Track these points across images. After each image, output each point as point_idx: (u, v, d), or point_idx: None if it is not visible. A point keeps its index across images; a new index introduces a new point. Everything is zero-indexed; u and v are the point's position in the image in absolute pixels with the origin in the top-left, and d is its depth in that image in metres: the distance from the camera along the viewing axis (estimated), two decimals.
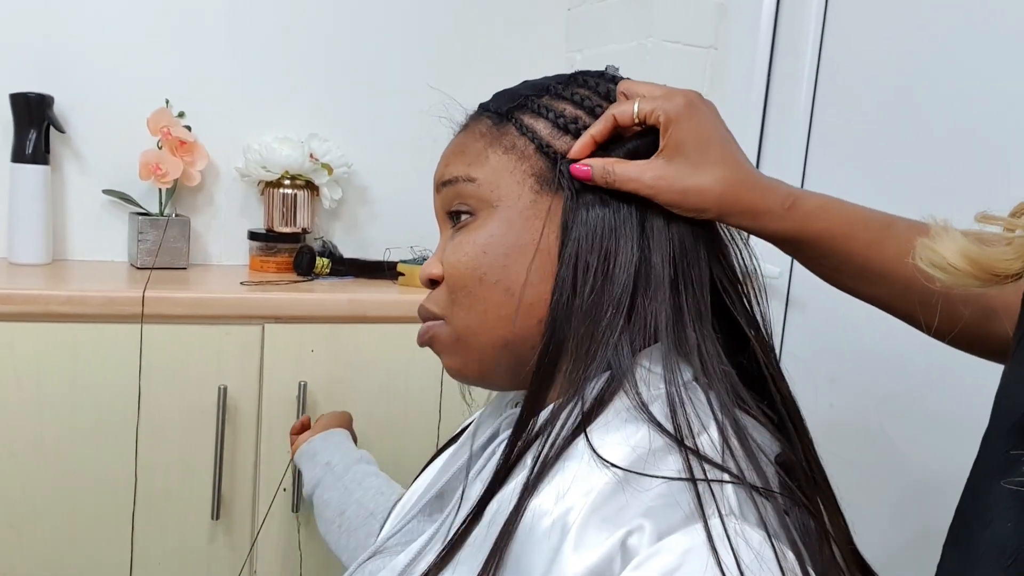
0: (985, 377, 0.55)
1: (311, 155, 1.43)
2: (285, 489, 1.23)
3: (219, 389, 1.19)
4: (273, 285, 1.32)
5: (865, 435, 1.12)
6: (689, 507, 0.45)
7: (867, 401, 1.13)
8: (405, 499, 0.74)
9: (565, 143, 0.58)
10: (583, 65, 1.57)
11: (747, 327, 0.59)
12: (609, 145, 0.58)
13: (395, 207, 1.58)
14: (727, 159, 0.57)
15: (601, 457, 0.49)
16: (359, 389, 1.26)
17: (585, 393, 0.53)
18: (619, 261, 0.55)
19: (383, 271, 1.43)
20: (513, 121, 0.60)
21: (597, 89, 0.61)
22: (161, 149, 1.36)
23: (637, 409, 0.51)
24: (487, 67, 1.60)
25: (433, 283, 0.62)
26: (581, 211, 0.56)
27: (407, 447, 1.27)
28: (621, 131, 0.58)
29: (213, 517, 1.21)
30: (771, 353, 0.59)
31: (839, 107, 1.23)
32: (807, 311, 1.27)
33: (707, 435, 0.50)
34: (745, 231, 0.60)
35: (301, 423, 1.08)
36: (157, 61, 1.43)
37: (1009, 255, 0.44)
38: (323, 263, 1.39)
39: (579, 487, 0.48)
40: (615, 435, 0.50)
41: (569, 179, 0.57)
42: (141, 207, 1.42)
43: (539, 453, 0.52)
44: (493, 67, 1.60)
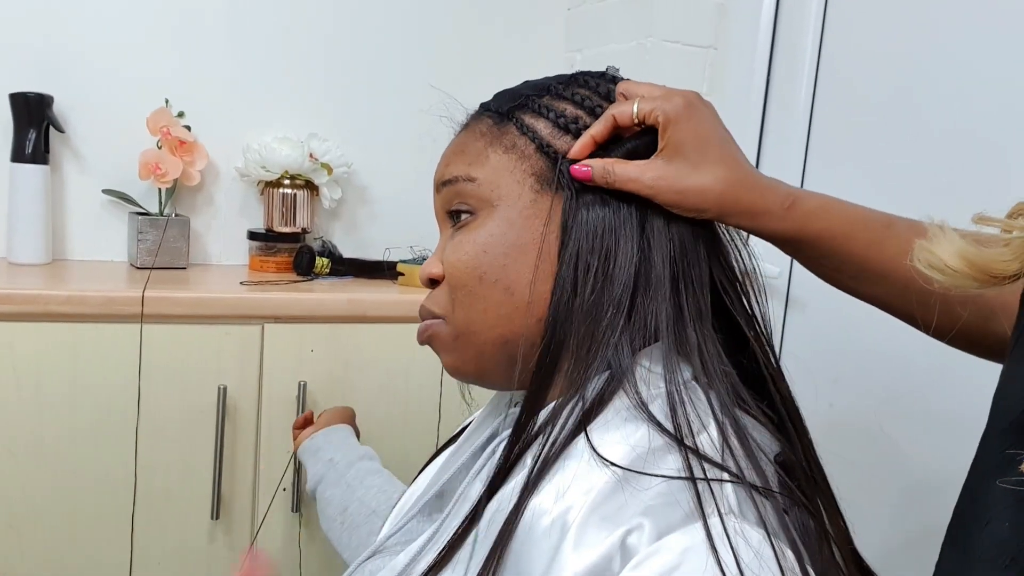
0: (985, 377, 0.55)
1: (311, 155, 1.43)
2: (285, 489, 1.23)
3: (219, 389, 1.19)
4: (273, 285, 1.32)
5: (865, 435, 1.12)
6: (689, 506, 0.45)
7: (868, 401, 1.13)
8: (405, 499, 0.74)
9: (566, 143, 0.58)
10: (583, 65, 1.57)
11: (746, 327, 0.59)
12: (609, 145, 0.58)
13: (395, 207, 1.58)
14: (726, 159, 0.57)
15: (601, 456, 0.49)
16: (359, 389, 1.26)
17: (585, 393, 0.53)
18: (619, 261, 0.55)
19: (383, 271, 1.43)
20: (514, 121, 0.60)
21: (598, 89, 0.61)
22: (161, 149, 1.36)
23: (637, 408, 0.51)
24: (487, 67, 1.60)
25: (433, 282, 0.62)
26: (581, 211, 0.57)
27: (407, 447, 1.27)
28: (621, 131, 0.58)
29: (213, 517, 1.21)
30: (771, 353, 0.60)
31: (839, 107, 1.23)
32: (807, 311, 1.27)
33: (707, 434, 0.50)
34: (745, 231, 0.60)
35: (304, 418, 1.08)
36: (157, 61, 1.43)
37: (1006, 256, 0.44)
38: (323, 263, 1.39)
39: (579, 486, 0.48)
40: (615, 434, 0.50)
41: (569, 179, 0.57)
42: (141, 207, 1.42)
43: (539, 452, 0.52)
44: (493, 67, 1.60)
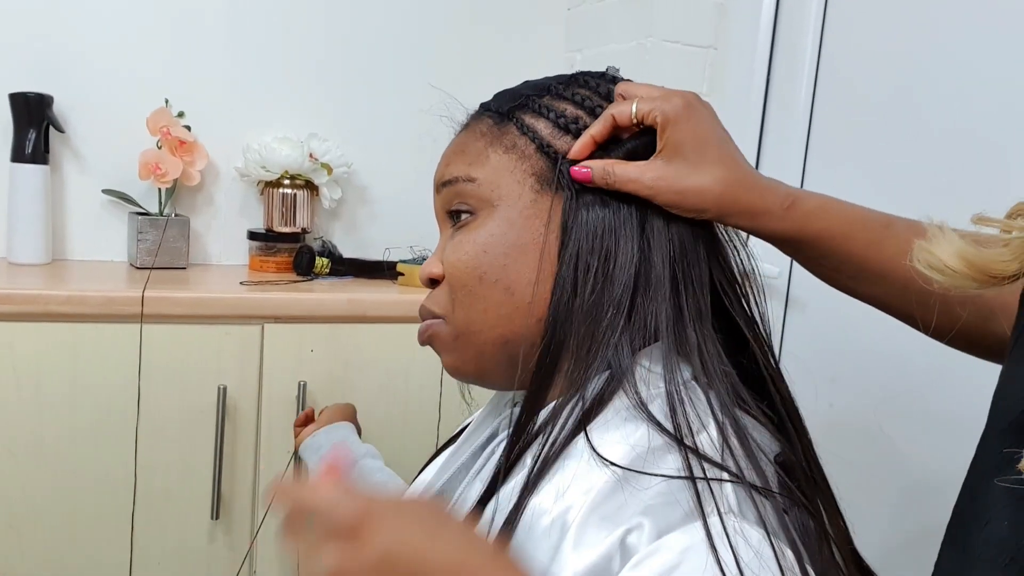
0: (984, 377, 0.55)
1: (311, 155, 1.43)
2: None
3: (219, 389, 1.19)
4: (273, 285, 1.32)
5: (865, 435, 1.12)
6: (688, 505, 0.45)
7: (867, 401, 1.13)
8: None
9: (566, 143, 0.58)
10: (583, 65, 1.57)
11: (746, 328, 0.59)
12: (609, 146, 0.58)
13: (395, 207, 1.58)
14: (725, 159, 0.57)
15: (600, 456, 0.49)
16: (359, 389, 1.26)
17: (585, 392, 0.53)
18: (619, 262, 0.55)
19: (383, 271, 1.43)
20: (514, 121, 0.60)
21: (598, 90, 0.61)
22: (161, 149, 1.36)
23: (636, 408, 0.51)
24: (487, 67, 1.60)
25: (433, 282, 0.63)
26: (581, 211, 0.57)
27: (407, 447, 1.27)
28: (620, 131, 0.58)
29: (213, 517, 1.21)
30: (770, 353, 0.60)
31: (839, 107, 1.23)
32: (807, 311, 1.27)
33: (706, 434, 0.50)
34: (744, 231, 0.60)
35: (305, 415, 1.08)
36: (157, 61, 1.43)
37: (1006, 256, 0.44)
38: (323, 263, 1.39)
39: (579, 486, 0.48)
40: (614, 434, 0.50)
41: (569, 179, 0.57)
42: (141, 207, 1.42)
43: (539, 452, 0.52)
44: (493, 67, 1.60)
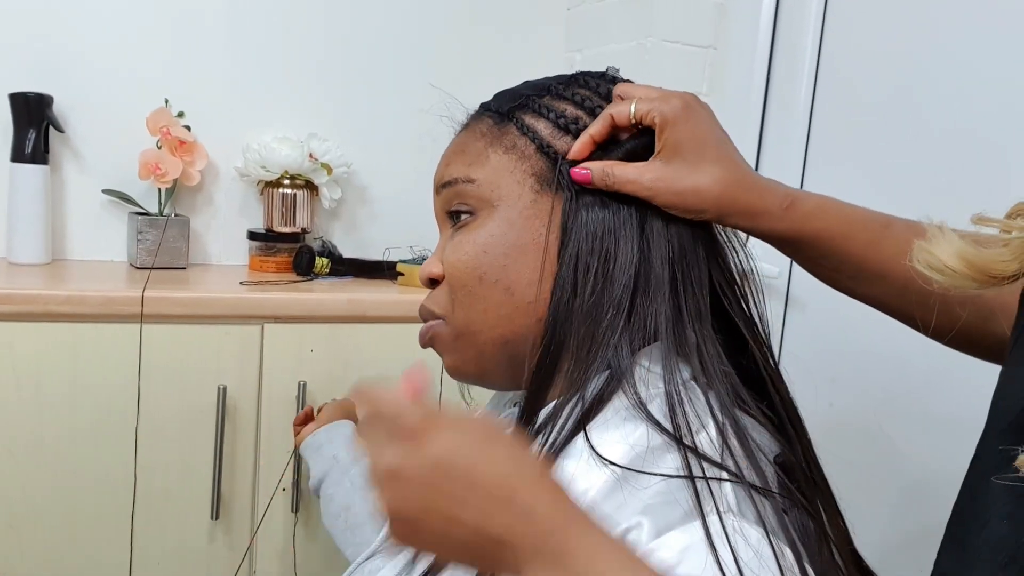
0: (983, 377, 0.55)
1: (310, 155, 1.43)
2: (284, 489, 1.23)
3: (218, 389, 1.19)
4: (272, 285, 1.32)
5: (865, 435, 1.12)
6: (688, 504, 0.45)
7: (867, 401, 1.13)
8: None
9: (566, 143, 0.58)
10: (583, 65, 1.57)
11: (745, 328, 0.59)
12: (608, 146, 0.58)
13: (395, 207, 1.58)
14: (724, 160, 0.57)
15: (600, 455, 0.49)
16: None
17: (585, 392, 0.53)
18: (619, 262, 0.55)
19: (382, 271, 1.43)
20: (514, 121, 0.60)
21: (598, 90, 0.61)
22: (160, 149, 1.36)
23: (636, 408, 0.51)
24: (487, 67, 1.60)
25: (433, 282, 0.63)
26: (581, 212, 0.57)
27: None
28: (619, 131, 0.58)
29: (212, 517, 1.21)
30: (769, 354, 0.60)
31: (839, 107, 1.23)
32: (807, 311, 1.27)
33: (705, 433, 0.50)
34: (743, 231, 0.60)
35: (305, 414, 1.08)
36: (156, 61, 1.43)
37: (1005, 256, 0.44)
38: (322, 263, 1.39)
39: (578, 485, 0.48)
40: (614, 433, 0.51)
41: (569, 180, 0.57)
42: (140, 207, 1.42)
43: (538, 451, 0.52)
44: (493, 67, 1.60)
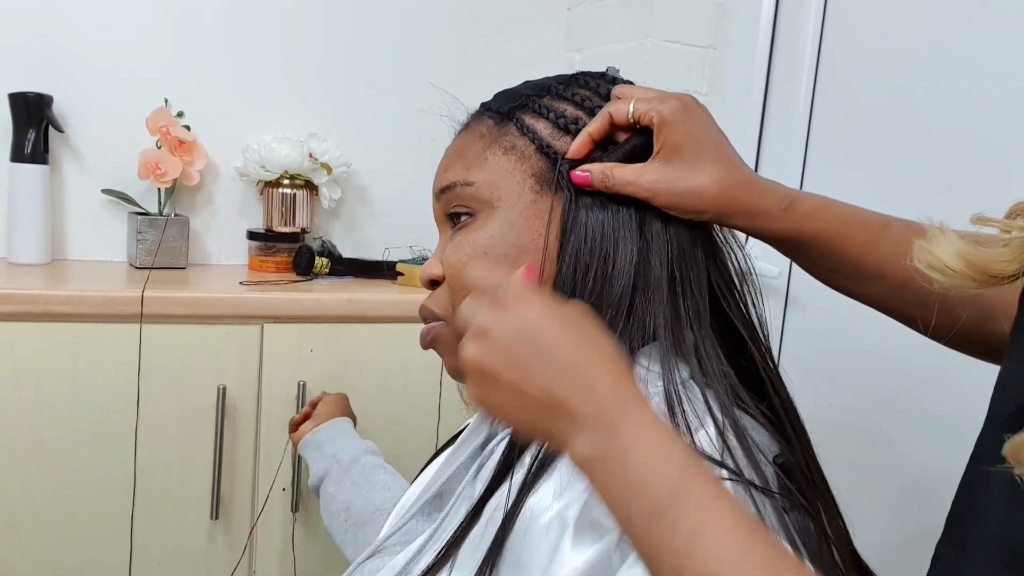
0: (982, 377, 0.55)
1: (310, 155, 1.43)
2: (284, 489, 1.23)
3: (218, 389, 1.19)
4: (272, 285, 1.32)
5: (864, 435, 1.12)
6: None
7: (866, 401, 1.13)
8: (404, 499, 0.74)
9: (565, 144, 0.58)
10: (583, 65, 1.57)
11: (744, 329, 0.59)
12: (608, 147, 0.58)
13: (394, 207, 1.58)
14: (722, 160, 0.57)
15: None
16: (358, 389, 1.26)
17: None
18: (618, 263, 0.55)
19: (382, 271, 1.43)
20: (514, 121, 0.60)
21: (598, 90, 0.61)
22: (160, 149, 1.36)
23: None
24: (487, 67, 1.60)
25: (433, 283, 0.63)
26: (581, 213, 0.57)
27: (406, 447, 1.27)
28: (617, 131, 0.58)
29: (212, 517, 1.21)
30: (768, 355, 0.60)
31: (838, 107, 1.23)
32: (806, 311, 1.27)
33: (704, 432, 0.50)
34: (743, 232, 0.60)
35: (303, 414, 1.07)
36: (156, 61, 1.43)
37: (1005, 256, 0.44)
38: (322, 263, 1.39)
39: (577, 484, 0.49)
40: None
41: (568, 180, 0.57)
42: (140, 207, 1.42)
43: (538, 451, 0.52)
44: (493, 67, 1.60)
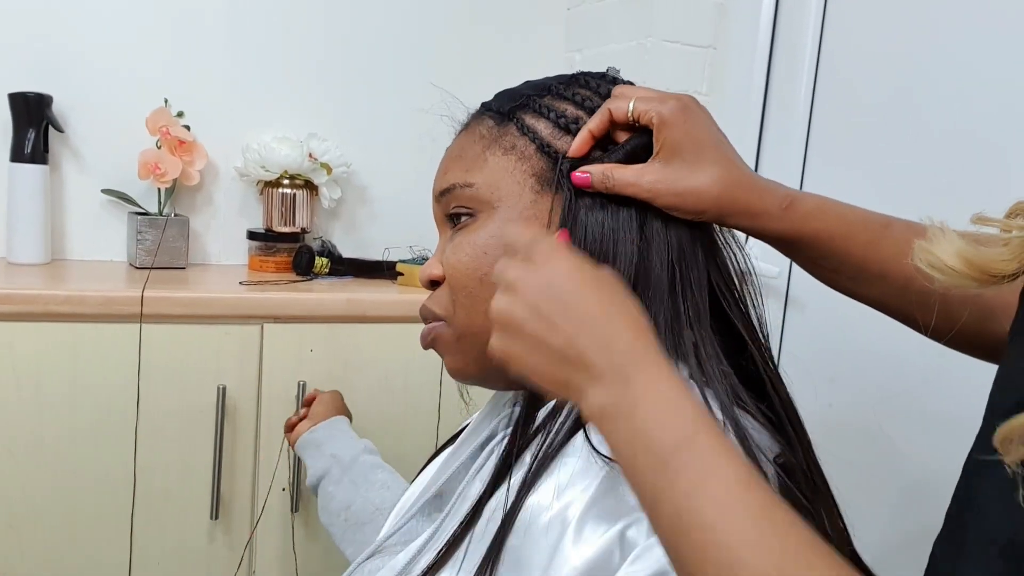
0: (982, 376, 0.55)
1: (310, 155, 1.43)
2: (284, 489, 1.23)
3: (218, 389, 1.19)
4: (272, 285, 1.32)
5: (864, 435, 1.12)
6: None
7: (866, 401, 1.13)
8: (404, 499, 0.74)
9: (566, 144, 0.58)
10: (583, 65, 1.57)
11: (744, 330, 0.59)
12: (608, 148, 0.58)
13: (394, 207, 1.58)
14: (722, 160, 0.57)
15: (599, 452, 0.49)
16: (358, 389, 1.26)
17: None
18: (618, 263, 0.56)
19: (382, 271, 1.43)
20: (515, 120, 0.60)
21: (598, 90, 0.61)
22: (160, 149, 1.36)
23: None
24: (487, 67, 1.60)
25: (434, 284, 0.63)
26: (581, 213, 0.57)
27: (406, 447, 1.27)
28: (617, 131, 0.58)
29: (212, 517, 1.21)
30: (768, 355, 0.60)
31: (839, 107, 1.23)
32: (806, 311, 1.27)
33: None
34: (743, 232, 0.60)
35: (299, 417, 1.07)
36: (156, 61, 1.43)
37: (1005, 256, 0.44)
38: (322, 263, 1.39)
39: (578, 482, 0.49)
40: None
41: (569, 180, 0.57)
42: (140, 207, 1.42)
43: (537, 450, 0.52)
44: (493, 67, 1.60)
